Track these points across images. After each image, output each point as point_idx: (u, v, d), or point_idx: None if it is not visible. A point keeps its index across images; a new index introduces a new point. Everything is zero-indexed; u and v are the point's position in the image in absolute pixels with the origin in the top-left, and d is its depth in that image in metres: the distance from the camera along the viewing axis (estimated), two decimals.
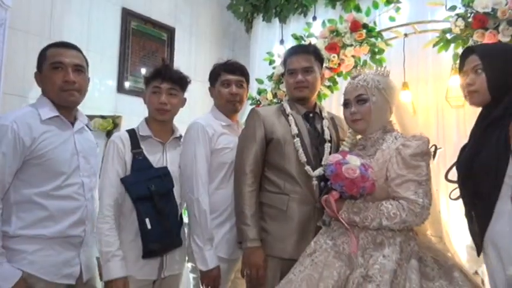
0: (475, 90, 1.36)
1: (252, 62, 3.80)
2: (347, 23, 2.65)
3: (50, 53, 1.65)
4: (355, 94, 1.60)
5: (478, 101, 1.38)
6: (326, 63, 2.70)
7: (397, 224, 1.44)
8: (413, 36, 2.73)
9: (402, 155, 1.48)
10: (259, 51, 3.72)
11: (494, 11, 2.11)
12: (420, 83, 2.80)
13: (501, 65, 1.33)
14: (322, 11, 3.38)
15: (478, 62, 1.36)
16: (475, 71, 1.37)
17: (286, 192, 1.78)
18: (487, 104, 1.37)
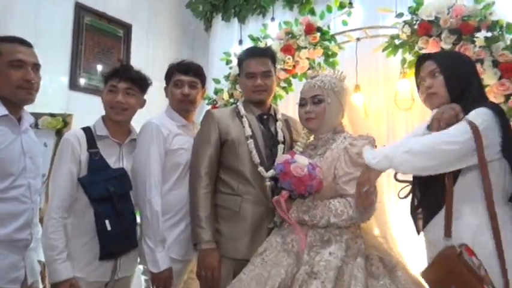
0: (434, 92, 1.43)
1: (211, 61, 3.78)
2: (302, 26, 2.70)
3: (6, 49, 1.58)
4: (311, 94, 1.65)
5: (437, 102, 1.44)
6: (281, 65, 2.74)
7: (345, 221, 1.49)
8: (366, 41, 2.81)
9: (349, 154, 1.53)
10: (218, 50, 3.70)
11: (438, 20, 2.22)
12: (372, 85, 2.90)
13: (455, 67, 1.42)
14: (280, 12, 3.40)
15: (434, 66, 1.44)
16: (432, 75, 1.44)
17: (239, 194, 1.80)
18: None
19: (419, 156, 1.27)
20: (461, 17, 2.17)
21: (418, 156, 1.27)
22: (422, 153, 1.26)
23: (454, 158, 1.25)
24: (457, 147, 1.23)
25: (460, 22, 2.17)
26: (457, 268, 1.22)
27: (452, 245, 1.28)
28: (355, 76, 2.84)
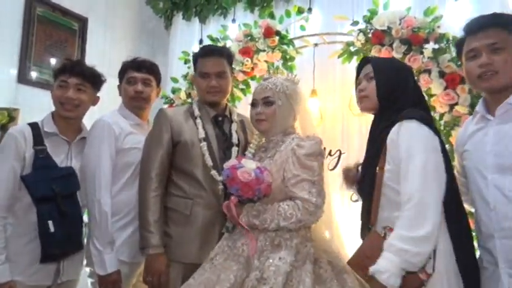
0: (366, 95, 1.48)
1: (171, 60, 3.73)
2: (261, 29, 2.72)
3: None
4: (262, 95, 1.65)
5: (367, 106, 1.49)
6: (240, 67, 2.74)
7: (294, 224, 1.49)
8: (323, 46, 2.87)
9: (297, 155, 1.54)
10: (179, 49, 3.65)
11: (390, 30, 2.30)
12: (328, 91, 2.96)
13: (389, 75, 1.46)
14: (241, 14, 3.41)
15: (370, 70, 1.48)
16: (367, 78, 1.49)
17: (190, 197, 1.77)
18: (376, 112, 1.49)
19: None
20: (411, 28, 2.26)
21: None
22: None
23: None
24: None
25: (411, 33, 2.26)
26: (382, 247, 1.27)
27: (374, 230, 1.34)
28: (312, 81, 2.90)
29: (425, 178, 1.25)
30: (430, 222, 1.21)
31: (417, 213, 1.22)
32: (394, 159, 1.35)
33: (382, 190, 1.38)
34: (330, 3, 3.08)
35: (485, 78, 1.35)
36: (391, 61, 1.61)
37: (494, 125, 1.38)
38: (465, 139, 1.48)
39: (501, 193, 1.30)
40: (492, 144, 1.35)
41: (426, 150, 1.29)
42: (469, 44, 1.39)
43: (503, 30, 1.34)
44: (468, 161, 1.44)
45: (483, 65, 1.34)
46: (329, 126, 3.00)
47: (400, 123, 1.35)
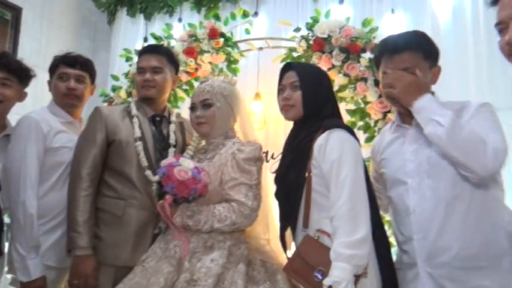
0: (292, 104, 1.50)
1: (113, 57, 3.62)
2: (206, 30, 2.71)
3: None
4: (201, 98, 1.65)
5: (292, 115, 1.52)
6: (183, 67, 2.72)
7: (228, 226, 1.50)
8: (268, 50, 2.92)
9: (236, 159, 1.56)
10: (122, 46, 3.55)
11: (330, 38, 2.39)
12: (272, 94, 2.97)
13: (315, 85, 1.50)
14: (188, 14, 3.39)
15: (295, 79, 1.50)
16: (292, 87, 1.50)
17: (123, 197, 1.72)
18: (298, 119, 1.52)
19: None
20: (350, 37, 2.36)
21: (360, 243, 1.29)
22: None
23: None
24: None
25: (349, 42, 2.36)
26: (318, 251, 1.32)
27: (307, 234, 1.39)
28: (256, 84, 2.94)
29: (355, 186, 1.33)
30: (364, 225, 1.29)
31: (352, 219, 1.29)
32: (321, 165, 1.40)
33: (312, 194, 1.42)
34: (276, 8, 3.15)
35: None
36: (314, 69, 1.64)
37: (411, 133, 1.46)
38: (383, 148, 1.56)
39: (420, 196, 1.39)
40: (410, 151, 1.44)
41: (355, 161, 1.37)
42: (384, 65, 1.47)
43: (417, 54, 1.42)
44: (387, 169, 1.52)
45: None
46: (272, 129, 3.05)
47: (330, 131, 1.41)
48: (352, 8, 2.90)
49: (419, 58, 1.42)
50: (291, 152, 1.54)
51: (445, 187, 1.35)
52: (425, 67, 1.42)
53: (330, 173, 1.37)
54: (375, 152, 1.61)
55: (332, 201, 1.35)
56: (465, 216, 1.32)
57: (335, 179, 1.35)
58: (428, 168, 1.39)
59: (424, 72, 1.41)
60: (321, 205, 1.40)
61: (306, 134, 1.48)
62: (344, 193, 1.31)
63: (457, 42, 2.66)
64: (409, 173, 1.43)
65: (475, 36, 2.62)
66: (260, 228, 1.70)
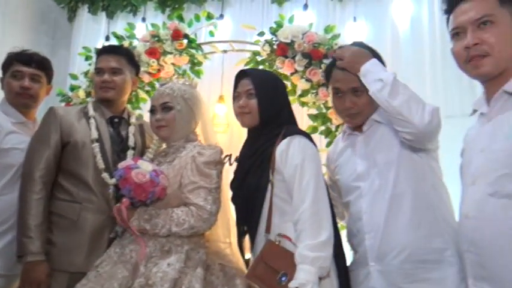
0: (248, 112, 1.52)
1: (73, 55, 3.51)
2: (169, 31, 2.69)
3: None
4: (161, 101, 1.63)
5: (249, 122, 1.54)
6: (145, 68, 2.68)
7: (186, 230, 1.49)
8: (233, 54, 2.93)
9: (196, 163, 1.55)
10: (83, 44, 3.45)
11: (293, 43, 2.43)
12: None
13: (270, 93, 1.52)
14: (152, 13, 3.35)
15: (250, 87, 1.51)
16: (248, 95, 1.52)
17: (78, 201, 1.68)
18: (255, 126, 1.54)
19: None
20: (312, 43, 2.41)
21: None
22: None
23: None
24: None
25: (312, 48, 2.41)
26: (281, 255, 1.35)
27: (269, 239, 1.40)
28: (220, 87, 2.94)
29: (317, 191, 1.37)
30: (327, 228, 1.33)
31: (316, 222, 1.33)
32: (283, 171, 1.43)
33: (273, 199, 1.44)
34: (242, 12, 3.17)
35: (351, 117, 1.52)
36: (269, 76, 1.66)
37: (361, 139, 1.54)
38: (336, 156, 1.63)
39: (371, 198, 1.45)
40: (361, 156, 1.51)
41: (317, 167, 1.42)
42: (334, 80, 1.54)
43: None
44: (340, 175, 1.58)
45: (347, 108, 1.50)
46: (236, 132, 3.04)
47: (291, 137, 1.44)
48: (316, 14, 2.96)
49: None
50: (249, 158, 1.55)
51: (389, 186, 1.42)
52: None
53: (293, 178, 1.40)
54: (329, 161, 1.67)
55: (295, 206, 1.38)
56: (409, 213, 1.40)
57: (298, 184, 1.38)
58: (377, 170, 1.46)
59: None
60: (282, 210, 1.42)
61: (265, 140, 1.50)
62: (307, 198, 1.35)
63: (415, 50, 2.78)
64: (360, 177, 1.49)
65: (432, 45, 2.74)
66: (221, 231, 1.70)
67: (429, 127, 1.34)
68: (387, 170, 1.44)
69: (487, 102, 1.21)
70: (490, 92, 1.19)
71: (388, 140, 1.46)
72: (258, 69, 2.18)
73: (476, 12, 1.14)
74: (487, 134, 1.17)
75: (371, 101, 1.45)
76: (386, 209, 1.41)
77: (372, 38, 2.79)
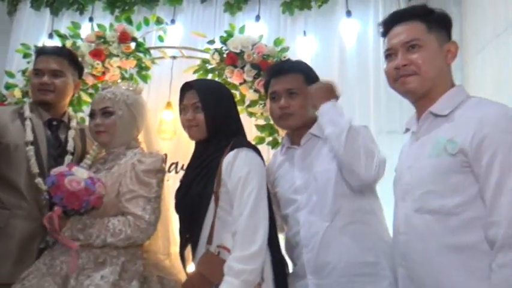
0: (195, 125, 1.51)
1: (12, 51, 3.32)
2: (116, 33, 2.63)
3: None
4: (101, 106, 1.59)
5: (197, 135, 1.54)
6: (89, 70, 2.60)
7: (122, 241, 1.45)
8: (183, 60, 2.91)
9: (136, 170, 1.52)
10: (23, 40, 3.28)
11: (243, 53, 2.47)
12: None
13: (217, 105, 1.53)
14: (100, 14, 3.25)
15: (197, 100, 1.51)
16: (194, 108, 1.51)
17: (7, 207, 1.60)
18: (203, 139, 1.54)
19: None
20: (262, 54, 2.46)
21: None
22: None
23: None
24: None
25: (261, 59, 2.46)
26: (217, 266, 1.34)
27: (208, 250, 1.41)
28: (168, 93, 2.90)
29: (257, 204, 1.38)
30: (260, 240, 1.33)
31: (249, 234, 1.33)
32: (227, 182, 1.43)
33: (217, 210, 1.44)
34: (193, 19, 3.16)
35: (284, 118, 1.56)
36: (215, 88, 1.64)
37: (299, 152, 1.58)
38: (275, 168, 1.66)
39: (308, 212, 1.49)
40: (299, 169, 1.55)
41: (260, 180, 1.43)
42: (272, 86, 1.58)
43: (299, 76, 1.56)
44: (280, 188, 1.61)
45: (281, 107, 1.54)
46: (184, 140, 2.99)
47: (238, 150, 1.45)
48: (267, 26, 3.01)
49: (301, 81, 1.55)
50: (195, 168, 1.54)
51: (327, 201, 1.46)
52: (306, 90, 1.53)
53: (235, 189, 1.40)
54: (268, 173, 1.67)
55: (234, 217, 1.38)
56: (345, 229, 1.44)
57: (239, 196, 1.39)
58: (315, 184, 1.50)
59: (306, 95, 1.53)
60: (224, 221, 1.43)
61: (213, 150, 1.50)
62: (246, 210, 1.35)
63: (360, 67, 2.90)
64: (298, 190, 1.53)
65: (376, 62, 2.88)
66: (161, 242, 1.67)
67: (373, 179, 1.39)
68: (325, 185, 1.48)
69: (417, 122, 1.29)
70: (419, 112, 1.29)
71: (326, 154, 1.51)
72: (203, 80, 2.16)
73: (407, 36, 1.24)
74: (414, 152, 1.25)
75: (305, 105, 1.51)
76: (323, 224, 1.45)
77: (321, 53, 2.90)
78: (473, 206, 1.09)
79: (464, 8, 2.69)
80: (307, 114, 1.55)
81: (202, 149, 1.56)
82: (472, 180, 1.10)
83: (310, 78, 1.57)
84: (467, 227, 1.09)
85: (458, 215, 1.10)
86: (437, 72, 1.22)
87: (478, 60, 2.42)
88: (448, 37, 1.28)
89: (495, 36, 2.16)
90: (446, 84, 1.25)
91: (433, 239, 1.13)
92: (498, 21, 2.13)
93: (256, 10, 3.04)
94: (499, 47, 2.12)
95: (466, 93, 1.25)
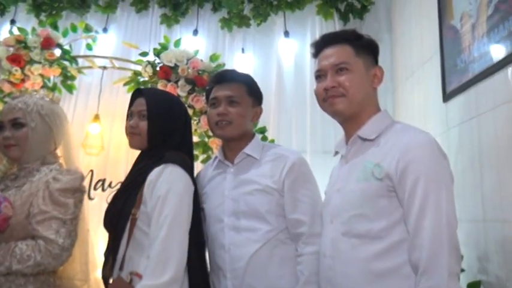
0: (138, 133, 1.46)
1: None
2: (39, 38, 2.48)
3: None
4: (10, 117, 1.49)
5: (137, 144, 1.48)
6: (6, 76, 2.42)
7: (30, 268, 1.34)
8: (114, 71, 2.81)
9: (50, 189, 1.42)
10: None
11: (177, 67, 2.43)
12: (114, 117, 2.87)
13: (163, 115, 1.48)
14: (23, 16, 3.07)
15: (144, 108, 1.46)
16: (140, 115, 1.47)
17: None
18: (144, 149, 1.49)
19: None
20: (197, 70, 2.43)
21: None
22: None
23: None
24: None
25: (196, 74, 2.43)
26: None
27: (119, 276, 1.34)
28: (96, 105, 2.78)
29: (173, 228, 1.31)
30: (173, 269, 1.26)
31: (162, 262, 1.27)
32: (148, 201, 1.37)
33: (134, 232, 1.37)
34: (128, 28, 3.08)
35: (220, 126, 1.52)
36: (165, 98, 1.59)
37: (232, 171, 1.54)
38: (205, 182, 1.61)
39: (235, 235, 1.45)
40: (229, 189, 1.51)
41: (180, 201, 1.36)
42: (214, 92, 1.56)
43: (242, 87, 1.55)
44: (207, 204, 1.56)
45: (220, 114, 1.51)
46: (113, 156, 2.89)
47: (165, 166, 1.39)
48: (205, 41, 3.01)
49: (244, 91, 1.54)
50: (124, 182, 1.50)
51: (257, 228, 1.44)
52: (247, 102, 1.54)
53: (153, 210, 1.34)
54: (198, 185, 1.61)
55: (150, 241, 1.32)
56: (269, 257, 1.42)
57: (156, 218, 1.33)
58: (245, 209, 1.46)
59: (246, 106, 1.53)
60: (141, 245, 1.36)
61: (144, 164, 1.45)
62: (161, 233, 1.29)
63: (297, 86, 2.97)
64: (226, 210, 1.49)
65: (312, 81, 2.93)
66: (78, 266, 1.58)
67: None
68: (256, 213, 1.45)
69: (346, 145, 1.33)
70: (348, 135, 1.33)
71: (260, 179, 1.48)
72: (156, 90, 2.11)
73: (336, 58, 1.28)
74: (344, 175, 1.28)
75: (244, 115, 1.51)
76: (251, 252, 1.41)
77: (258, 71, 2.93)
78: (397, 229, 1.12)
79: (395, 35, 2.87)
80: (245, 126, 1.53)
81: (138, 160, 1.50)
82: (396, 205, 1.14)
83: (254, 91, 1.57)
84: (391, 250, 1.12)
85: (382, 239, 1.13)
86: (363, 95, 1.27)
87: (407, 85, 2.57)
88: (374, 62, 1.33)
89: (422, 63, 2.32)
90: (372, 108, 1.30)
91: (358, 264, 1.15)
92: (425, 50, 2.28)
93: (194, 24, 3.03)
94: (426, 74, 2.27)
95: (391, 118, 1.31)
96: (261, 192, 1.46)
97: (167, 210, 1.32)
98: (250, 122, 1.58)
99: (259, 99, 1.61)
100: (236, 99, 1.51)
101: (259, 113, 1.61)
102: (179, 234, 1.32)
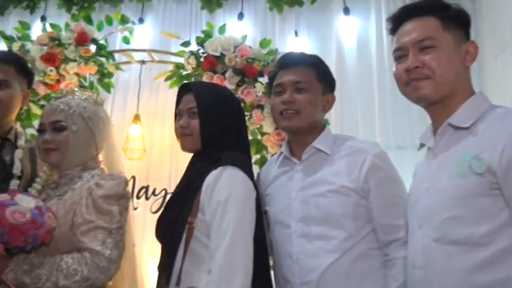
0: (189, 133, 1.47)
1: None
2: (73, 34, 2.59)
3: None
4: (52, 119, 1.55)
5: (190, 146, 1.49)
6: (41, 77, 2.56)
7: (78, 283, 1.39)
8: (153, 65, 2.89)
9: (93, 196, 1.46)
10: None
11: (223, 57, 2.45)
12: (155, 117, 2.96)
13: (216, 112, 1.48)
14: (54, 12, 3.24)
15: (194, 104, 1.48)
16: (190, 113, 1.48)
17: None
18: (197, 151, 1.50)
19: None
20: (246, 58, 2.44)
21: None
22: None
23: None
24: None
25: (245, 63, 2.43)
26: None
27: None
28: (136, 104, 2.87)
29: (236, 237, 1.32)
30: (239, 284, 1.27)
31: (225, 276, 1.28)
32: (206, 208, 1.39)
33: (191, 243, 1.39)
34: (166, 17, 3.16)
35: (286, 116, 1.49)
36: (216, 92, 1.60)
37: (300, 169, 1.52)
38: (268, 182, 1.60)
39: (305, 243, 1.43)
40: (297, 190, 1.49)
41: (243, 205, 1.37)
42: (278, 78, 1.54)
43: (311, 71, 1.51)
44: (270, 207, 1.55)
45: (285, 102, 1.49)
46: (155, 160, 2.98)
47: (222, 168, 1.40)
48: (252, 26, 3.03)
49: (313, 76, 1.51)
50: (177, 188, 1.51)
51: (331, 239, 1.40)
52: (317, 88, 1.51)
53: (213, 217, 1.35)
54: (260, 185, 1.61)
55: (211, 252, 1.33)
56: (348, 271, 1.38)
57: (217, 226, 1.34)
58: (317, 213, 1.44)
59: (316, 94, 1.50)
60: (200, 256, 1.37)
61: (199, 167, 1.46)
62: (223, 244, 1.30)
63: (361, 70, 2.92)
64: (293, 215, 1.47)
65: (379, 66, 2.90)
66: (126, 284, 1.62)
67: None
68: (332, 217, 1.42)
69: (433, 136, 1.27)
70: (436, 123, 1.27)
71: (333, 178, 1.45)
72: (204, 83, 2.15)
73: (419, 34, 1.23)
74: (433, 171, 1.23)
75: (314, 102, 1.48)
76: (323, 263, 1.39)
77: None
78: (504, 234, 1.07)
79: (480, 4, 2.73)
80: (315, 117, 1.51)
81: (193, 163, 1.52)
82: (502, 205, 1.08)
83: (324, 76, 1.54)
84: (498, 259, 1.06)
85: (486, 246, 1.07)
86: (454, 76, 1.21)
87: (497, 63, 2.45)
88: (466, 37, 1.27)
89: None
90: (465, 91, 1.24)
91: (457, 276, 1.10)
92: None
93: (238, 7, 3.05)
94: None
95: (489, 101, 1.25)
96: (335, 194, 1.42)
97: (229, 218, 1.33)
98: (321, 112, 1.55)
99: (331, 86, 1.58)
100: (304, 85, 1.48)
101: (332, 101, 1.57)
102: (243, 245, 1.32)
